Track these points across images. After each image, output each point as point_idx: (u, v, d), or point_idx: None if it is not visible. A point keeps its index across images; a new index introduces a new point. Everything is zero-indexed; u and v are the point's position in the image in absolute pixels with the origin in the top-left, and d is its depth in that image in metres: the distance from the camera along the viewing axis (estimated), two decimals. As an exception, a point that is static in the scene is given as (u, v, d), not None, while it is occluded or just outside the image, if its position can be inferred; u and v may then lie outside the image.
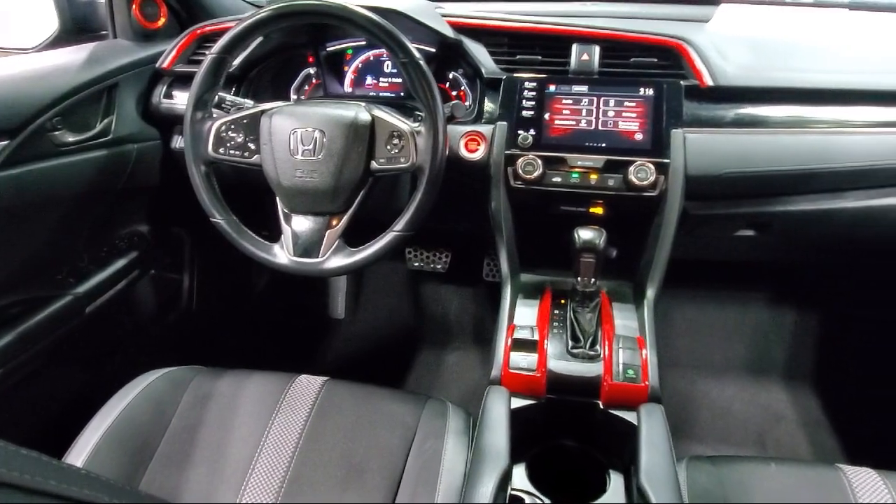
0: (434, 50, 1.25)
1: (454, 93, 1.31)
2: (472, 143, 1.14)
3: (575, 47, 1.16)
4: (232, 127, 1.05)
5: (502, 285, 1.20)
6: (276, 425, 0.98)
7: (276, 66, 1.39)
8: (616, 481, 0.95)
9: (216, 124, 1.05)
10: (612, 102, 1.10)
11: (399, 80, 1.37)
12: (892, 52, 1.17)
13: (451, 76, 1.30)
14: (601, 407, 0.98)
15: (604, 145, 1.09)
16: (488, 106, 1.19)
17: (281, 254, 1.06)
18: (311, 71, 1.39)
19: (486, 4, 1.33)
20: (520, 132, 1.11)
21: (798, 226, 1.19)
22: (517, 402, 0.98)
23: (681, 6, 1.29)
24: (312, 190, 1.02)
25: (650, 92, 1.09)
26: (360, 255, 1.04)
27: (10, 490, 0.37)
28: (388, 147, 1.02)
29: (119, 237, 1.40)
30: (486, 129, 1.14)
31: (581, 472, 1.01)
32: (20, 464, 0.39)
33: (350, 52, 1.37)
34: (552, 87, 1.13)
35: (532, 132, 1.10)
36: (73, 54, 1.23)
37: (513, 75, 1.16)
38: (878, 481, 0.87)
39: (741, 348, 1.82)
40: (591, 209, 1.15)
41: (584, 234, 1.00)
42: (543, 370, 0.99)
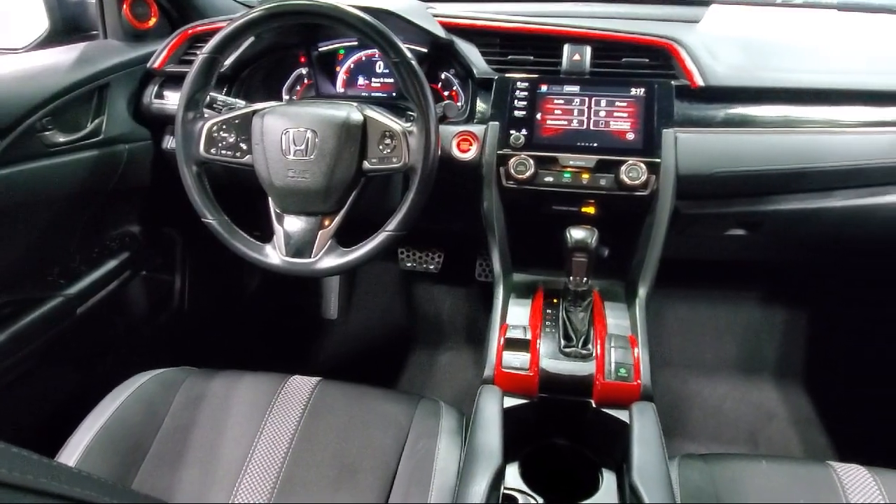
0: (426, 50, 1.26)
1: (446, 93, 1.31)
2: (465, 143, 1.15)
3: (566, 47, 1.17)
4: (223, 127, 1.05)
5: (495, 285, 1.20)
6: (269, 426, 0.98)
7: (267, 67, 1.38)
8: (608, 480, 0.95)
9: (208, 124, 1.05)
10: (603, 102, 1.11)
11: (391, 80, 1.37)
12: (880, 52, 1.18)
13: (443, 76, 1.31)
14: (593, 406, 0.98)
15: (595, 145, 1.09)
16: (480, 106, 1.20)
17: (273, 254, 1.06)
18: (303, 71, 1.39)
19: (478, 5, 1.33)
20: (512, 132, 1.11)
21: (788, 225, 1.19)
22: (510, 402, 0.99)
23: (671, 7, 1.30)
24: (304, 190, 1.02)
25: (641, 92, 1.10)
26: (352, 256, 1.04)
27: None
28: (381, 147, 1.02)
29: (110, 238, 1.39)
30: (478, 129, 1.15)
31: (574, 471, 1.02)
32: (10, 461, 0.39)
33: (342, 52, 1.37)
34: (544, 87, 1.13)
35: (524, 132, 1.11)
36: (63, 54, 1.22)
37: (504, 75, 1.16)
38: (868, 478, 0.88)
39: (733, 347, 1.83)
40: (583, 209, 1.15)
41: (576, 234, 1.00)
42: (536, 369, 0.99)
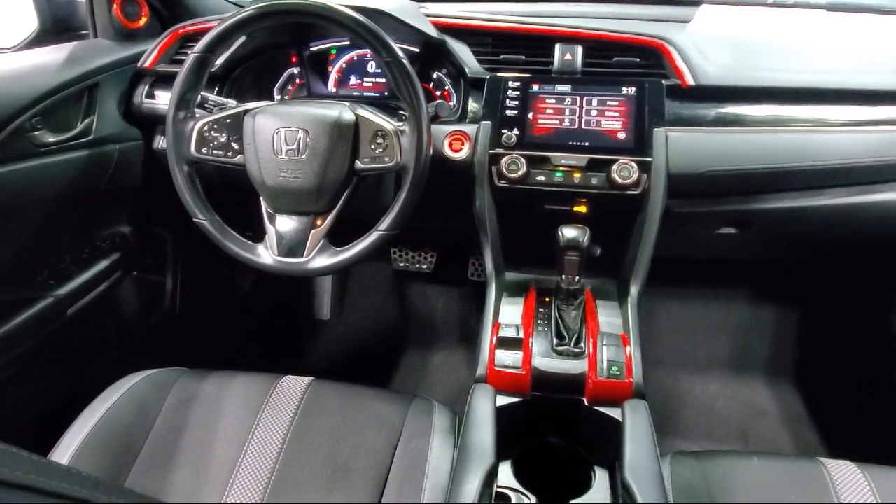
0: (418, 50, 1.26)
1: (438, 92, 1.31)
2: (457, 142, 1.15)
3: (558, 47, 1.17)
4: (215, 127, 1.05)
5: (487, 284, 1.20)
6: (262, 426, 0.97)
7: (259, 66, 1.38)
8: (601, 477, 0.96)
9: (199, 124, 1.05)
10: (594, 102, 1.11)
11: (383, 79, 1.37)
12: (868, 52, 1.19)
13: (435, 76, 1.31)
14: (586, 404, 0.99)
15: (587, 144, 1.09)
16: (472, 105, 1.20)
17: (265, 254, 1.06)
18: (295, 71, 1.38)
19: (470, 5, 1.33)
20: (504, 131, 1.11)
21: (778, 223, 1.20)
22: (502, 400, 0.99)
23: (662, 7, 1.31)
24: (296, 190, 1.02)
25: (632, 91, 1.10)
26: (344, 255, 1.04)
27: None
28: (373, 146, 1.02)
29: (101, 238, 1.38)
30: (470, 128, 1.15)
31: (566, 469, 1.02)
32: (1, 459, 0.39)
33: (334, 51, 1.37)
34: (536, 87, 1.13)
35: (516, 131, 1.11)
36: (52, 54, 1.21)
37: (496, 75, 1.17)
38: (858, 474, 0.88)
39: (724, 345, 1.84)
40: (575, 208, 1.16)
41: (568, 233, 1.01)
42: (528, 368, 0.99)
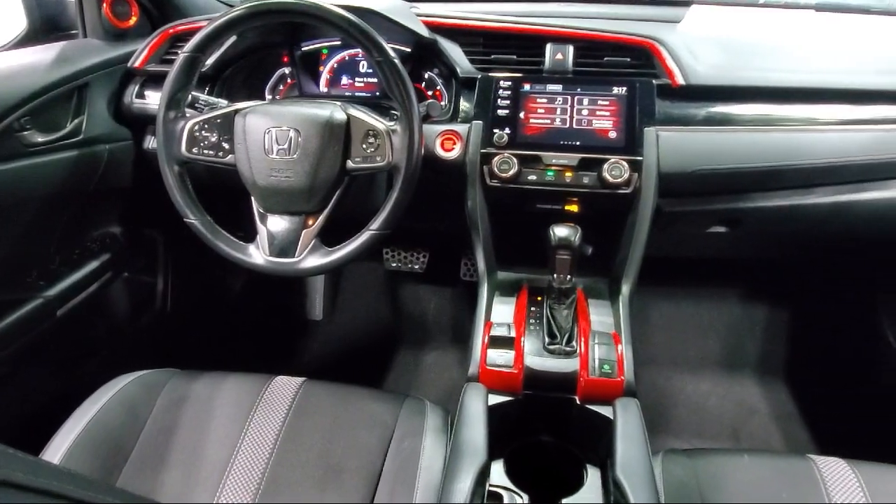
0: (409, 50, 1.26)
1: (430, 92, 1.31)
2: (448, 142, 1.15)
3: (549, 47, 1.17)
4: (205, 126, 1.04)
5: (479, 283, 1.20)
6: (253, 426, 0.97)
7: (250, 66, 1.37)
8: (593, 476, 0.96)
9: (189, 124, 1.04)
10: (585, 101, 1.11)
11: (375, 79, 1.36)
12: (857, 52, 1.20)
13: (426, 76, 1.31)
14: (577, 402, 0.99)
15: (578, 143, 1.10)
16: (464, 105, 1.20)
17: (256, 254, 1.06)
18: (286, 71, 1.38)
19: (461, 4, 1.33)
20: (495, 131, 1.11)
21: (768, 222, 1.21)
22: (494, 399, 0.99)
23: (653, 7, 1.31)
24: (288, 189, 1.02)
25: (623, 91, 1.11)
26: (336, 255, 1.04)
27: None
28: (364, 146, 1.02)
29: (91, 239, 1.37)
30: (461, 128, 1.15)
31: (558, 468, 1.02)
32: None
33: (325, 51, 1.37)
34: (527, 86, 1.14)
35: (507, 131, 1.11)
36: (41, 53, 1.21)
37: (488, 74, 1.17)
38: (847, 471, 0.89)
39: (716, 344, 1.85)
40: (567, 207, 1.16)
41: (560, 232, 1.01)
42: (520, 367, 1.00)
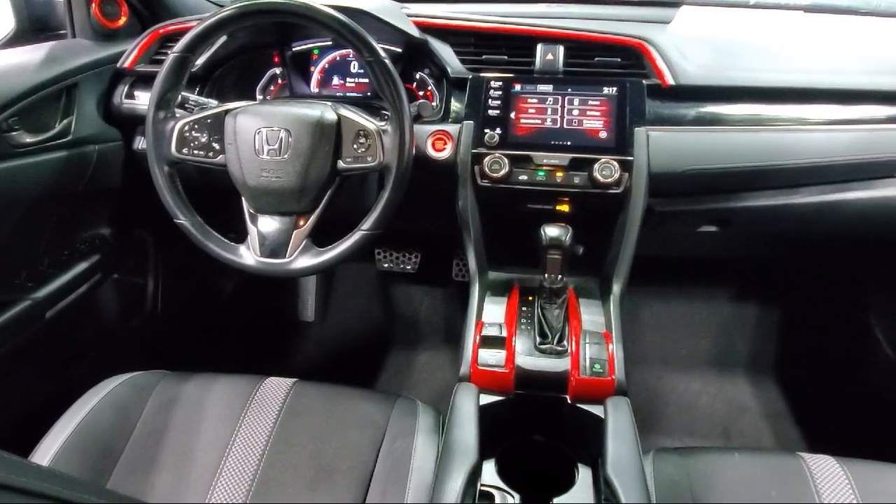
0: (400, 50, 1.26)
1: (421, 93, 1.31)
2: (439, 142, 1.15)
3: (540, 47, 1.17)
4: (195, 127, 1.04)
5: (470, 283, 1.20)
6: (245, 428, 0.97)
7: (240, 66, 1.37)
8: (584, 475, 0.96)
9: (179, 124, 1.04)
10: (576, 101, 1.11)
11: (366, 80, 1.36)
12: (844, 52, 1.20)
13: (417, 76, 1.31)
14: (569, 401, 0.99)
15: (569, 143, 1.10)
16: (455, 105, 1.20)
17: (247, 255, 1.05)
18: (277, 71, 1.38)
19: (452, 5, 1.33)
20: (486, 131, 1.11)
21: (757, 221, 1.22)
22: (486, 399, 0.99)
23: (643, 8, 1.32)
24: (279, 190, 1.01)
25: (613, 91, 1.11)
26: (327, 255, 1.04)
27: None
28: (355, 146, 1.02)
29: (80, 240, 1.36)
30: (452, 128, 1.15)
31: (550, 467, 1.02)
32: None
33: (316, 52, 1.37)
34: (518, 87, 1.14)
35: (498, 131, 1.11)
36: (30, 53, 1.20)
37: (479, 75, 1.17)
38: (837, 468, 0.90)
39: (707, 343, 1.86)
40: (558, 207, 1.16)
41: (551, 232, 1.01)
42: (512, 366, 1.00)
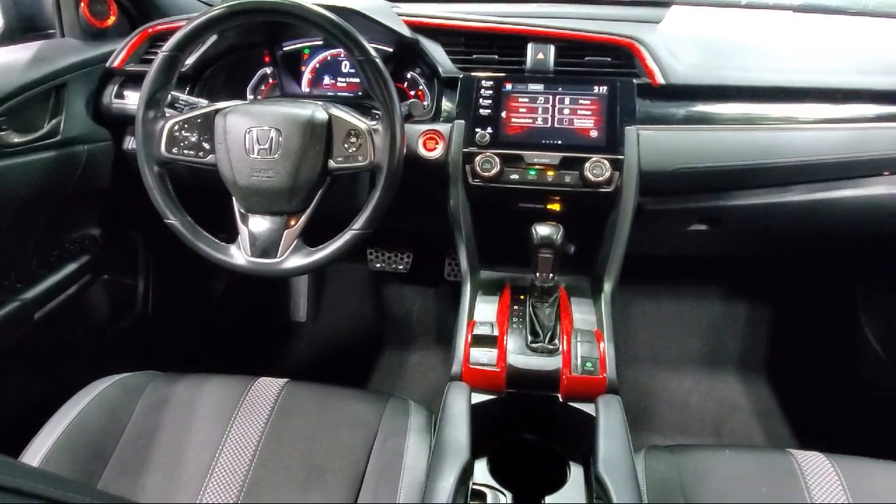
0: (391, 49, 1.25)
1: (412, 92, 1.31)
2: (431, 141, 1.15)
3: (530, 46, 1.18)
4: (185, 126, 1.04)
5: (462, 282, 1.21)
6: (236, 428, 0.96)
7: (231, 66, 1.36)
8: (576, 473, 0.96)
9: (169, 123, 1.03)
10: (567, 100, 1.12)
11: (357, 79, 1.36)
12: (834, 52, 1.21)
13: (408, 76, 1.30)
14: (560, 400, 0.99)
15: (560, 142, 1.10)
16: (446, 105, 1.20)
17: (238, 254, 1.05)
18: (268, 71, 1.37)
19: (443, 5, 1.33)
20: (477, 130, 1.11)
21: (747, 219, 1.22)
22: (478, 398, 0.99)
23: (633, 8, 1.32)
24: (269, 189, 1.01)
25: (604, 90, 1.11)
26: (318, 255, 1.03)
27: None
28: (346, 146, 1.02)
29: (70, 241, 1.35)
30: (444, 127, 1.15)
31: (542, 466, 1.02)
32: None
33: (307, 51, 1.36)
34: (509, 86, 1.14)
35: (489, 130, 1.11)
36: (17, 53, 1.19)
37: (470, 74, 1.17)
38: (826, 464, 0.90)
39: (698, 341, 1.87)
40: (549, 206, 1.16)
41: (542, 231, 1.01)
42: (503, 365, 1.00)
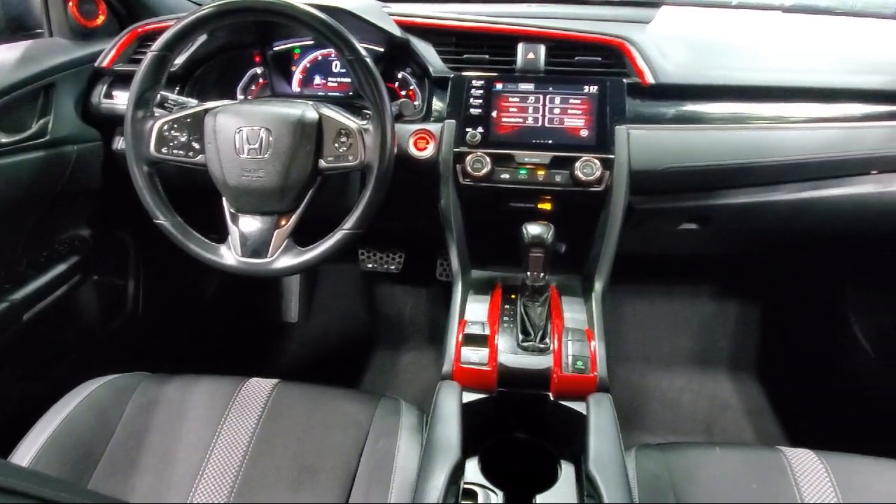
0: (382, 49, 1.25)
1: (403, 92, 1.31)
2: (422, 141, 1.15)
3: (521, 46, 1.18)
4: (175, 126, 1.03)
5: (453, 282, 1.21)
6: (226, 429, 0.96)
7: (221, 66, 1.36)
8: (567, 471, 0.96)
9: (158, 123, 1.03)
10: (557, 100, 1.12)
11: (348, 79, 1.36)
12: (822, 51, 1.22)
13: (399, 75, 1.30)
14: (551, 399, 0.99)
15: (550, 142, 1.10)
16: (437, 105, 1.20)
17: (228, 255, 1.04)
18: (258, 71, 1.37)
19: (434, 5, 1.33)
20: (468, 130, 1.11)
21: (737, 218, 1.23)
22: (469, 397, 0.99)
23: (624, 8, 1.33)
24: (259, 189, 1.01)
25: (594, 90, 1.12)
26: (309, 255, 1.03)
27: None
28: (336, 145, 1.01)
29: (59, 241, 1.35)
30: (434, 127, 1.15)
31: (533, 464, 1.02)
32: None
33: (297, 51, 1.36)
34: (499, 86, 1.14)
35: (480, 130, 1.11)
36: (5, 53, 1.18)
37: (461, 74, 1.17)
38: (816, 461, 0.91)
39: (689, 340, 1.87)
40: (540, 205, 1.17)
41: (533, 230, 1.01)
42: (494, 364, 1.00)
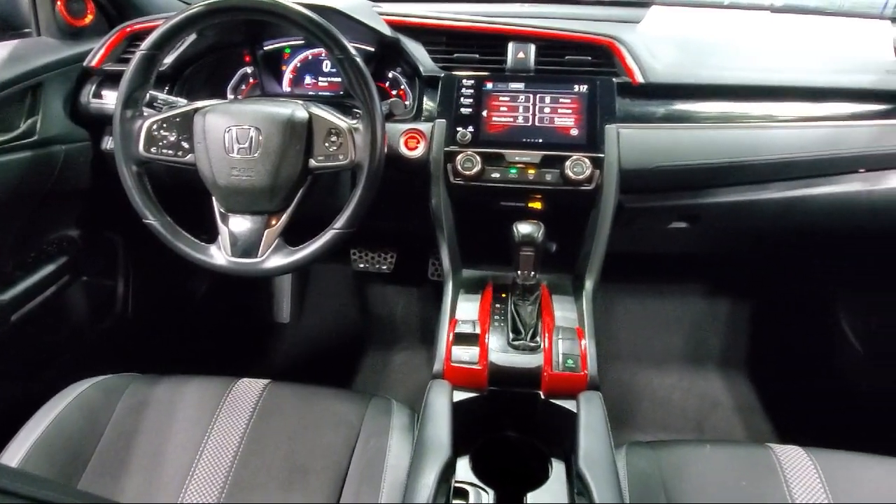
0: (373, 49, 1.25)
1: (394, 91, 1.31)
2: (412, 140, 1.15)
3: (511, 46, 1.18)
4: (164, 126, 1.03)
5: (444, 281, 1.21)
6: (217, 429, 0.96)
7: (211, 65, 1.35)
8: (558, 469, 0.97)
9: (147, 123, 1.02)
10: (547, 99, 1.12)
11: (338, 79, 1.36)
12: (810, 51, 1.23)
13: (390, 75, 1.30)
14: (542, 397, 1.00)
15: (540, 141, 1.11)
16: (427, 104, 1.20)
17: (218, 255, 1.04)
18: (248, 70, 1.37)
19: (424, 4, 1.34)
20: (458, 129, 1.12)
21: (726, 217, 1.24)
22: (459, 396, 0.99)
23: (613, 8, 1.34)
24: (249, 189, 1.00)
25: (584, 89, 1.12)
26: (300, 254, 1.03)
27: None
28: (327, 144, 1.01)
29: (47, 242, 1.34)
30: (425, 126, 1.15)
31: (524, 463, 1.03)
32: None
33: (288, 51, 1.36)
34: (489, 85, 1.14)
35: (470, 129, 1.12)
36: (-8, 52, 1.18)
37: (451, 73, 1.17)
38: (804, 457, 0.92)
39: (679, 339, 1.88)
40: (530, 204, 1.17)
41: (523, 229, 1.02)
42: (485, 363, 1.00)
